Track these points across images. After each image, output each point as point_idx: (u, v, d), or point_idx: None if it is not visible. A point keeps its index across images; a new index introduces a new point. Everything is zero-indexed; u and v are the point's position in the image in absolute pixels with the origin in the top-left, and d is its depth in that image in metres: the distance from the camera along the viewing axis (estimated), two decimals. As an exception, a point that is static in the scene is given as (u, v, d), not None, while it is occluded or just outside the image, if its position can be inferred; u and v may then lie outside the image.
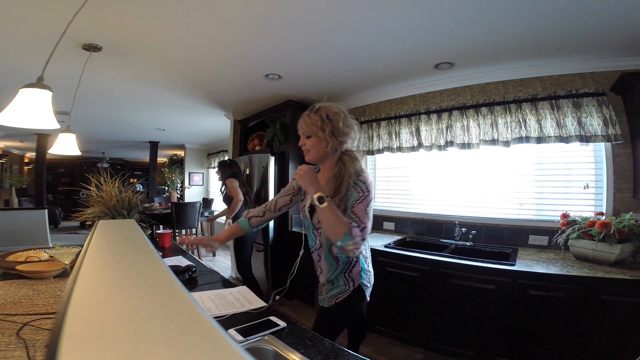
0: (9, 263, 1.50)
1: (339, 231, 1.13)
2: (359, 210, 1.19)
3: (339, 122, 1.28)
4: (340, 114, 1.30)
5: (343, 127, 1.29)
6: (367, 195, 1.21)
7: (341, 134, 1.29)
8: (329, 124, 1.27)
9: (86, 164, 10.04)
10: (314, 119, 1.28)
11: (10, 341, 0.84)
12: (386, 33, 2.03)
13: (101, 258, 0.61)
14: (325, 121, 1.27)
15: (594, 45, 2.06)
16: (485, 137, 2.59)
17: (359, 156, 1.31)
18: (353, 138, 1.33)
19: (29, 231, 2.18)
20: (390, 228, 3.28)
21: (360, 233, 1.15)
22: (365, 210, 1.20)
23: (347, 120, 1.32)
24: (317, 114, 1.29)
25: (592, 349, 1.74)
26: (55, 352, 0.23)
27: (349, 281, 1.31)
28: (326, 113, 1.28)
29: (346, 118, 1.31)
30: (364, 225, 1.18)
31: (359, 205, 1.20)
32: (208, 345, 0.27)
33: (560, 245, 2.12)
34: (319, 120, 1.27)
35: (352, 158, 1.28)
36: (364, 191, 1.22)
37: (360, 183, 1.23)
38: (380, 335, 2.53)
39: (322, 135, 1.27)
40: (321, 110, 1.29)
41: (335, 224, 1.14)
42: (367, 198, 1.21)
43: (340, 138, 1.29)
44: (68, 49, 2.20)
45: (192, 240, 1.53)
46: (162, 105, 4.09)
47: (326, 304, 1.35)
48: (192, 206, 4.89)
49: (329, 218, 1.15)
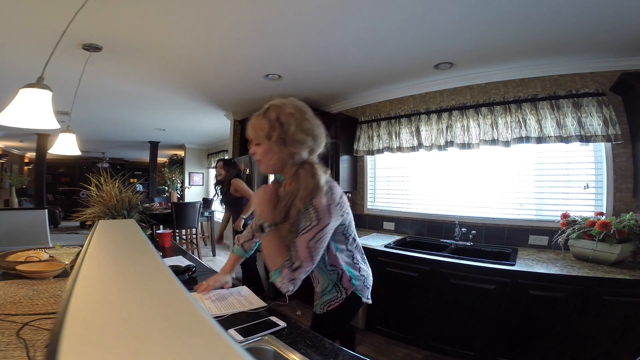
0: (9, 263, 1.50)
1: (273, 264, 1.03)
2: (300, 243, 1.01)
3: (291, 125, 1.03)
4: (295, 114, 1.05)
5: (296, 133, 1.04)
6: (315, 225, 1.01)
7: (293, 142, 1.04)
8: (278, 129, 1.03)
9: (86, 164, 10.04)
10: (262, 122, 1.05)
11: (10, 341, 0.84)
12: (386, 33, 2.03)
13: (101, 258, 0.61)
14: (274, 125, 1.03)
15: (594, 45, 2.06)
16: (485, 137, 2.59)
17: (318, 169, 1.06)
18: (312, 146, 1.08)
19: (29, 231, 2.18)
20: (390, 228, 3.28)
21: (290, 274, 1.00)
22: (307, 244, 1.00)
23: (304, 123, 1.06)
24: (265, 116, 1.06)
25: (592, 349, 1.74)
26: (55, 352, 0.23)
27: (342, 290, 1.26)
28: (276, 114, 1.04)
29: (303, 120, 1.06)
30: (299, 264, 1.00)
31: (302, 237, 1.01)
32: (208, 345, 0.27)
33: (560, 245, 2.12)
34: (267, 124, 1.04)
35: (307, 173, 1.04)
36: (312, 220, 1.01)
37: (311, 209, 1.01)
38: (380, 335, 2.53)
39: (268, 144, 1.04)
40: (270, 110, 1.06)
41: (271, 256, 1.03)
42: (315, 228, 1.01)
43: (292, 147, 1.04)
44: (68, 49, 2.20)
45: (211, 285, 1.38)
46: (162, 105, 4.09)
47: (319, 310, 1.30)
48: (192, 206, 4.89)
49: (266, 249, 1.04)
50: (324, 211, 1.02)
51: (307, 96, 3.45)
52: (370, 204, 3.54)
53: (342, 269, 1.23)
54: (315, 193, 1.02)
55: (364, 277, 1.29)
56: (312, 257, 1.02)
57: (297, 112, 1.06)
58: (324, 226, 1.02)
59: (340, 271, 1.24)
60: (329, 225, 1.04)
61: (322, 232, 1.02)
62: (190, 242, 5.20)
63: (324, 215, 1.02)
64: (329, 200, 1.03)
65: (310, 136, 1.07)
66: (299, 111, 1.07)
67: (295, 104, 1.08)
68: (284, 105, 1.06)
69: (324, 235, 1.03)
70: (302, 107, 1.09)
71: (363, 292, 1.28)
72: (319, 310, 1.31)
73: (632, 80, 1.97)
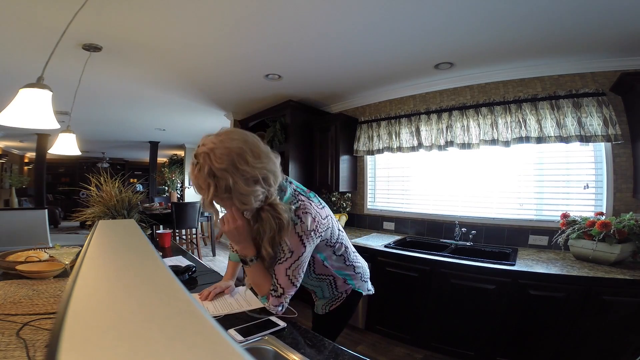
0: (9, 263, 1.50)
1: (260, 290, 1.09)
2: (279, 272, 1.04)
3: (229, 179, 0.87)
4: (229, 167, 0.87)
5: (239, 188, 0.89)
6: (289, 257, 1.02)
7: (240, 197, 0.91)
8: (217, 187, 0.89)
9: (86, 164, 10.05)
10: (199, 177, 0.90)
11: (10, 341, 0.84)
12: (386, 33, 2.03)
13: (101, 258, 0.61)
14: (210, 183, 0.88)
15: (594, 45, 2.06)
16: (485, 137, 2.59)
17: (280, 208, 0.97)
18: (266, 190, 0.95)
19: (29, 231, 2.18)
20: (390, 228, 3.28)
21: (275, 300, 1.05)
22: (285, 273, 1.03)
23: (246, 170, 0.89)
24: (200, 170, 0.89)
25: (592, 348, 1.74)
26: (55, 352, 0.23)
27: (340, 291, 1.27)
28: (208, 168, 0.87)
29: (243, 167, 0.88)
30: (281, 291, 1.04)
31: (279, 266, 1.03)
32: (208, 345, 0.27)
33: (560, 245, 2.12)
34: (203, 180, 0.89)
35: (268, 215, 0.97)
36: (286, 252, 1.01)
37: (284, 245, 1.01)
38: (380, 335, 2.53)
39: (217, 201, 0.94)
40: (202, 164, 0.88)
41: (257, 285, 1.08)
42: (289, 260, 1.02)
43: (242, 199, 0.92)
44: (68, 49, 2.20)
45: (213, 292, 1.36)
46: (162, 105, 4.09)
47: (320, 311, 1.32)
48: (192, 206, 4.89)
49: (252, 278, 1.09)
50: (296, 244, 1.00)
51: (307, 96, 3.46)
52: (370, 204, 3.54)
53: (333, 275, 1.23)
54: (282, 231, 0.98)
55: (359, 273, 1.29)
56: (293, 282, 1.05)
57: (231, 161, 0.87)
58: (299, 256, 1.02)
59: (331, 277, 1.24)
60: (304, 254, 1.03)
61: (299, 260, 1.03)
62: (190, 242, 5.20)
63: (297, 247, 1.01)
64: (300, 232, 1.00)
65: (259, 183, 0.92)
66: (236, 156, 0.87)
67: (227, 146, 0.87)
68: (213, 152, 0.87)
69: (301, 263, 1.04)
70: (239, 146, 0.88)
71: (362, 287, 1.30)
72: (320, 310, 1.31)
73: (632, 80, 1.97)
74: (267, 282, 1.07)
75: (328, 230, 1.12)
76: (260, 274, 1.07)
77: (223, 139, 0.90)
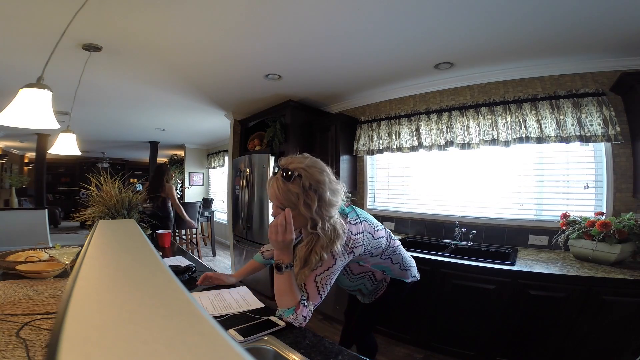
0: (9, 263, 1.50)
1: (284, 302, 1.05)
2: (309, 278, 1.07)
3: (326, 192, 1.02)
4: (326, 179, 1.04)
5: (330, 198, 1.03)
6: (320, 265, 1.07)
7: (328, 207, 1.03)
8: (314, 198, 1.01)
9: (86, 164, 10.04)
10: (293, 189, 1.01)
11: (10, 341, 0.84)
12: (386, 33, 2.03)
13: (101, 258, 0.61)
14: (309, 193, 1.01)
15: (594, 45, 2.06)
16: (485, 137, 2.59)
17: (339, 229, 1.07)
18: (337, 205, 1.08)
19: (29, 231, 2.18)
20: (390, 228, 3.27)
21: (306, 312, 1.03)
22: (314, 279, 1.06)
23: (333, 184, 1.06)
24: (295, 182, 1.01)
25: (592, 349, 1.74)
26: (55, 352, 0.23)
27: (381, 282, 1.37)
28: (309, 182, 1.00)
29: (332, 182, 1.06)
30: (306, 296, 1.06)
31: (311, 273, 1.07)
32: (208, 345, 0.27)
33: (560, 245, 2.12)
34: (300, 191, 1.01)
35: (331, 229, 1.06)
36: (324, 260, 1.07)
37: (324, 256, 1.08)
38: (380, 335, 2.52)
39: (305, 212, 1.03)
40: (303, 177, 1.01)
41: (284, 294, 1.05)
42: (320, 268, 1.06)
43: (327, 212, 1.04)
44: (68, 49, 2.20)
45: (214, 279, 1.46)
46: (162, 106, 4.09)
47: (367, 300, 1.43)
48: (192, 206, 4.89)
49: (280, 287, 1.06)
50: (335, 256, 1.07)
51: (307, 96, 3.45)
52: (370, 204, 3.54)
53: (371, 270, 1.33)
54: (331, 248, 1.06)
55: (398, 263, 1.37)
56: (319, 292, 1.07)
57: (325, 175, 1.05)
58: (328, 267, 1.08)
59: (370, 273, 1.34)
60: (334, 265, 1.09)
61: (328, 271, 1.08)
62: (190, 242, 5.20)
63: (336, 258, 1.08)
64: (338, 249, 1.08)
65: (339, 196, 1.08)
66: (326, 172, 1.06)
67: (319, 167, 1.06)
68: (311, 167, 1.04)
69: (330, 274, 1.08)
70: (324, 167, 1.08)
71: (403, 275, 1.40)
72: (367, 300, 1.43)
73: (632, 80, 1.97)
74: (292, 294, 1.05)
75: (361, 247, 1.15)
76: (289, 282, 1.06)
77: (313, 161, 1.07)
